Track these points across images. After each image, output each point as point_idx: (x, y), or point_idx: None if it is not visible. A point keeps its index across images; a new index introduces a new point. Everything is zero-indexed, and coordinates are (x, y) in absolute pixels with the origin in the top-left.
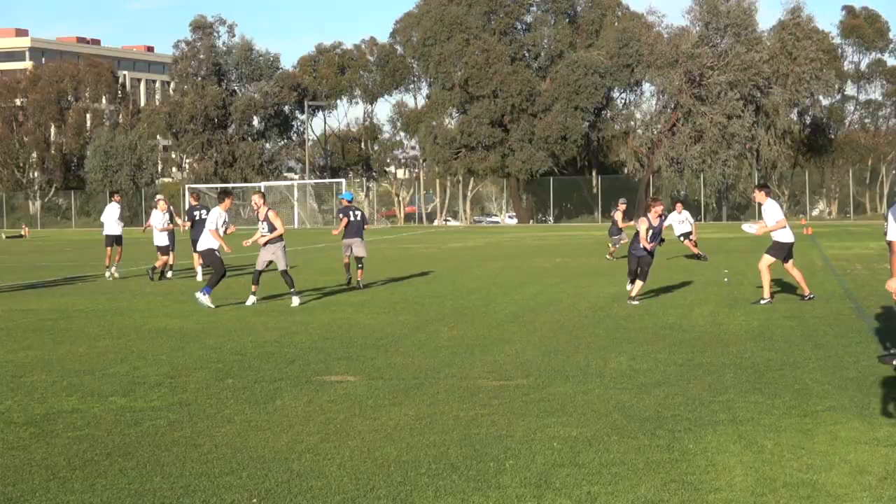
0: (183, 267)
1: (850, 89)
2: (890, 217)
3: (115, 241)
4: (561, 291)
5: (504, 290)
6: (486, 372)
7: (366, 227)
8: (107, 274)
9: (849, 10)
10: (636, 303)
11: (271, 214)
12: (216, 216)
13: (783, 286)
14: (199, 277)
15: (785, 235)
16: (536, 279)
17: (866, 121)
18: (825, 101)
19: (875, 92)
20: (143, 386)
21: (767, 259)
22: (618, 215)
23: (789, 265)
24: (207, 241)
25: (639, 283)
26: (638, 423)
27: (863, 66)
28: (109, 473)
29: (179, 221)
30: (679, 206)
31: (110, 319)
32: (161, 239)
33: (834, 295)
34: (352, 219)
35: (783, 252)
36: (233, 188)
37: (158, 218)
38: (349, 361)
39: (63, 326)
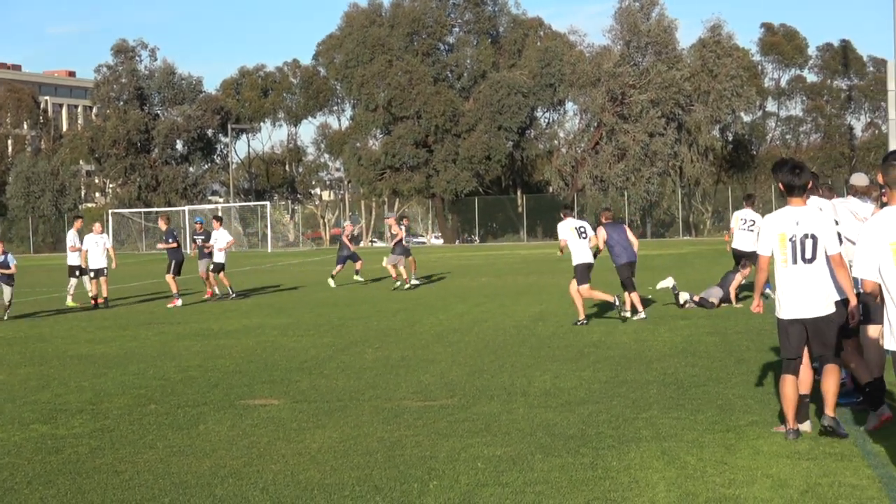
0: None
1: (770, 105)
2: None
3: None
4: (486, 311)
5: (429, 311)
6: (410, 393)
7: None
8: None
9: (767, 26)
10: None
11: None
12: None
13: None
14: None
15: (578, 257)
16: (461, 299)
17: (787, 137)
18: (746, 118)
19: (795, 108)
20: (65, 413)
21: (574, 284)
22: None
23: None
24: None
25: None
26: (562, 442)
27: (783, 83)
28: (30, 502)
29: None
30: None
31: (32, 346)
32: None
33: None
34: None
35: (582, 273)
36: (157, 212)
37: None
38: (273, 385)
39: None
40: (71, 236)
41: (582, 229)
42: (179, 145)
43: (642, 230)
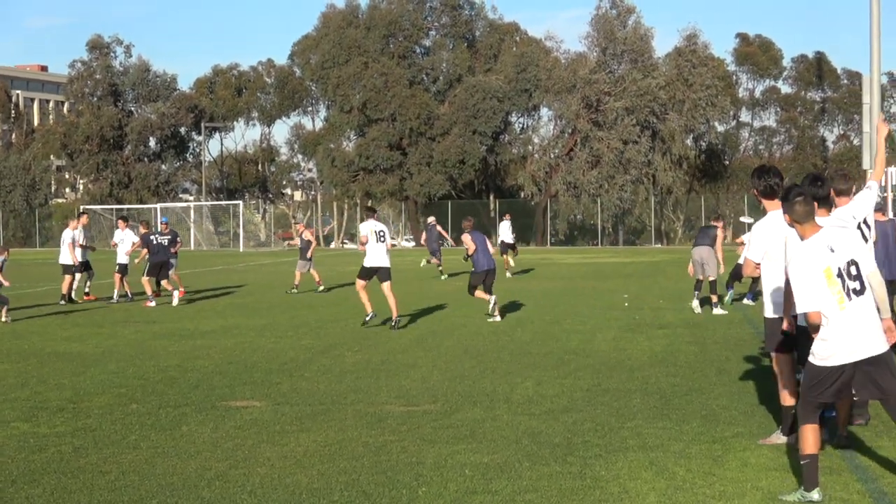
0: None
1: (744, 116)
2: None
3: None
4: (463, 315)
5: (406, 314)
6: (392, 397)
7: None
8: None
9: (743, 37)
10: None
11: None
12: None
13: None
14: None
15: (371, 259)
16: (437, 302)
17: (760, 147)
18: (720, 128)
19: (769, 119)
20: (46, 411)
21: (359, 282)
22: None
23: (385, 288)
24: None
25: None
26: (548, 450)
27: (757, 93)
28: (16, 501)
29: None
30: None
31: (8, 343)
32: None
33: (733, 321)
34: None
35: (365, 273)
36: (129, 210)
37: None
38: (254, 386)
39: None
40: (71, 234)
41: (381, 233)
42: (152, 143)
43: (614, 237)
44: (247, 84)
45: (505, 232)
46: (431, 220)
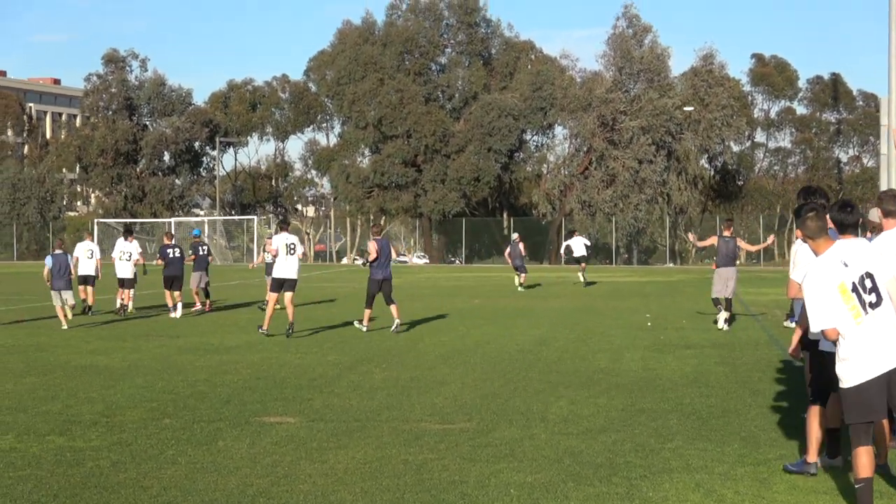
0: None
1: (759, 136)
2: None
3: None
4: (486, 333)
5: (429, 331)
6: (426, 415)
7: (210, 260)
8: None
9: (758, 58)
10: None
11: None
12: None
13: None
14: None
15: (280, 271)
16: (459, 320)
17: (775, 168)
18: (736, 148)
19: (784, 139)
20: (80, 425)
21: (270, 294)
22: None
23: (287, 298)
24: None
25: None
26: (591, 470)
27: (772, 114)
28: None
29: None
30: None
31: (33, 356)
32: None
33: (760, 342)
34: (200, 253)
35: (276, 285)
36: (142, 223)
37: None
38: (286, 402)
39: None
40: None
41: (292, 245)
42: (167, 157)
43: (628, 257)
44: (261, 99)
45: (579, 247)
46: (515, 236)
